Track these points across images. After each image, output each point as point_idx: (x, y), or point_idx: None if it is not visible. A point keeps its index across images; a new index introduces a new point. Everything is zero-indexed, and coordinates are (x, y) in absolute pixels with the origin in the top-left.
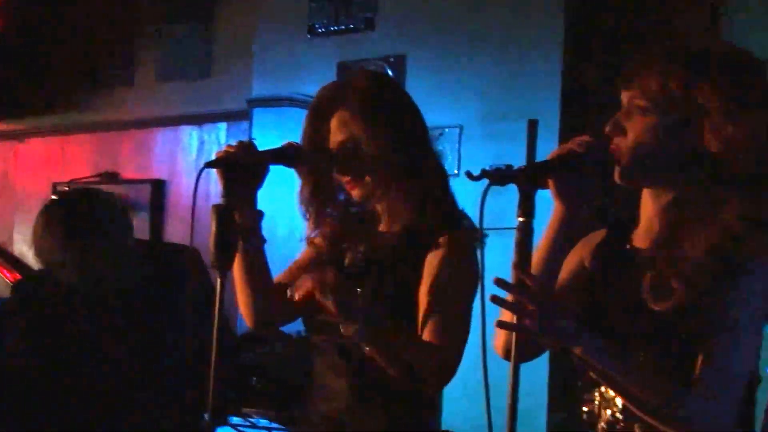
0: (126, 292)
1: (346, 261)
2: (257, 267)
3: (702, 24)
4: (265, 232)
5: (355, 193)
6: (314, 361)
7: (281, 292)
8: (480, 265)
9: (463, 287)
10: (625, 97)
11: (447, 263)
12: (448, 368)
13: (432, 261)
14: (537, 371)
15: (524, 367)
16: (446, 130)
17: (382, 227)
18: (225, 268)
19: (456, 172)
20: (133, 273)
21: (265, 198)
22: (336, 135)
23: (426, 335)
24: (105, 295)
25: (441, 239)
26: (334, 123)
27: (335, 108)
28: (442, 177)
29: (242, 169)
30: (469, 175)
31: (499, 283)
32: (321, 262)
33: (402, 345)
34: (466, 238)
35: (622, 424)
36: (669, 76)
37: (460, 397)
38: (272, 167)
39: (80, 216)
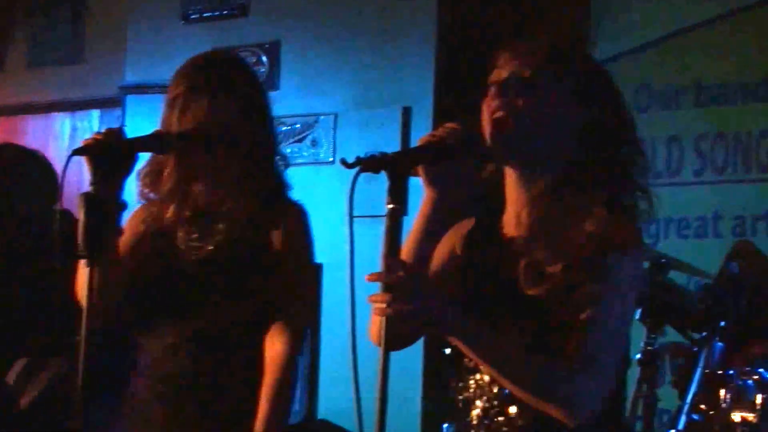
0: None
1: (193, 255)
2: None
3: (576, 13)
4: None
5: (208, 182)
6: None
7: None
8: (349, 253)
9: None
10: (504, 73)
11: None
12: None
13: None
14: (411, 358)
15: (398, 354)
16: (321, 117)
17: (221, 225)
18: (94, 256)
19: (331, 159)
20: None
21: None
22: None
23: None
24: None
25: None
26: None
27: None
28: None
29: (111, 157)
30: (343, 162)
31: (371, 278)
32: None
33: None
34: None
35: (497, 410)
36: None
37: (335, 385)
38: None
39: None
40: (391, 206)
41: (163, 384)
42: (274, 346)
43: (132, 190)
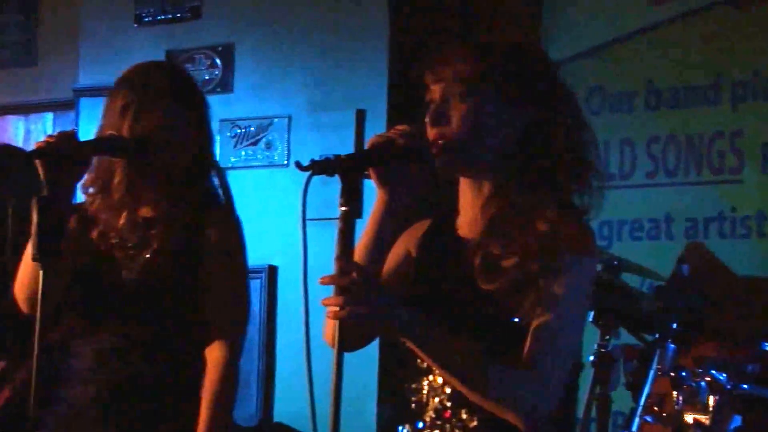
0: None
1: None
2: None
3: (527, 15)
4: None
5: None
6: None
7: None
8: (303, 256)
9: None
10: (438, 89)
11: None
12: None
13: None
14: (367, 360)
15: (354, 357)
16: (275, 120)
17: (157, 232)
18: (46, 259)
19: (286, 162)
20: None
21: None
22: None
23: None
24: None
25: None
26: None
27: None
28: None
29: (63, 160)
30: (298, 165)
31: (325, 281)
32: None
33: None
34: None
35: (449, 411)
36: (475, 63)
37: (291, 387)
38: None
39: None
40: (343, 208)
41: (98, 389)
42: (213, 354)
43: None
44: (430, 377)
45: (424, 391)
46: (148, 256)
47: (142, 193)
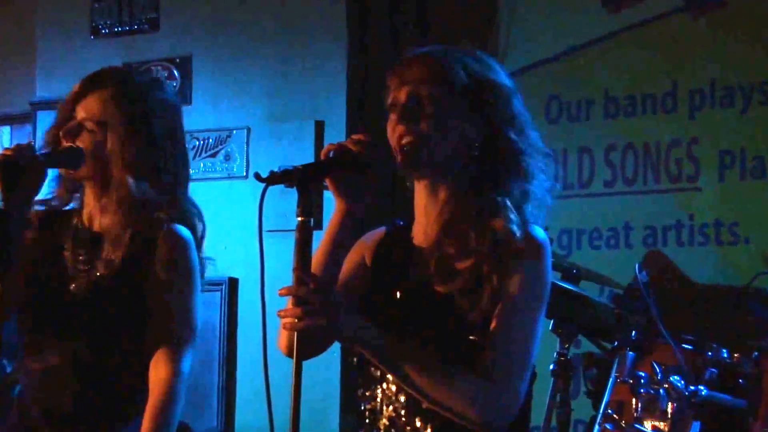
0: None
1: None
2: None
3: (483, 24)
4: None
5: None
6: None
7: None
8: (260, 267)
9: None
10: (404, 91)
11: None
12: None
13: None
14: (329, 370)
15: (316, 367)
16: (234, 131)
17: (107, 248)
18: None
19: (245, 174)
20: None
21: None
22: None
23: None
24: None
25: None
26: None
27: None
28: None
29: (20, 173)
30: (257, 176)
31: (283, 293)
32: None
33: None
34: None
35: (404, 419)
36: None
37: (252, 398)
38: None
39: None
40: (300, 219)
41: (45, 406)
42: (157, 370)
43: None
44: (384, 385)
45: (378, 399)
46: (98, 273)
47: (98, 207)
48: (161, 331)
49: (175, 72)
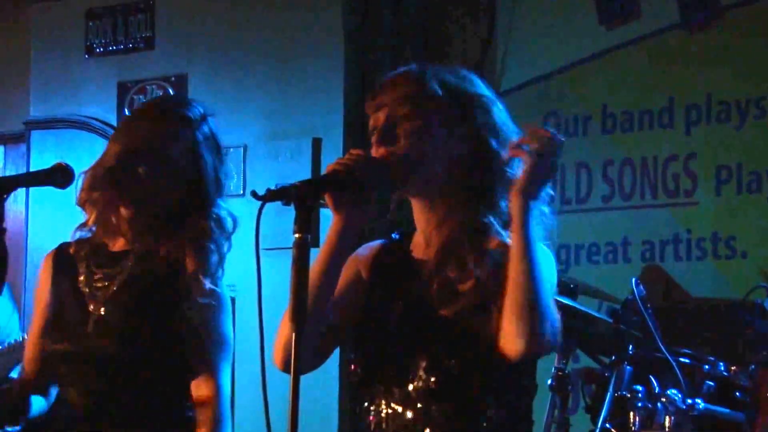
0: None
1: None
2: None
3: (482, 40)
4: None
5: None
6: None
7: None
8: (257, 284)
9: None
10: (381, 114)
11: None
12: None
13: None
14: (328, 382)
15: (314, 384)
16: (231, 150)
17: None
18: None
19: (242, 191)
20: None
21: None
22: None
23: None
24: None
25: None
26: None
27: None
28: None
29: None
30: (254, 194)
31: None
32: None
33: None
34: None
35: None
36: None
37: (251, 415)
38: None
39: None
40: (297, 236)
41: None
42: (199, 391)
43: None
44: (389, 400)
45: (383, 414)
46: (114, 289)
47: (120, 226)
48: (197, 352)
49: (170, 91)
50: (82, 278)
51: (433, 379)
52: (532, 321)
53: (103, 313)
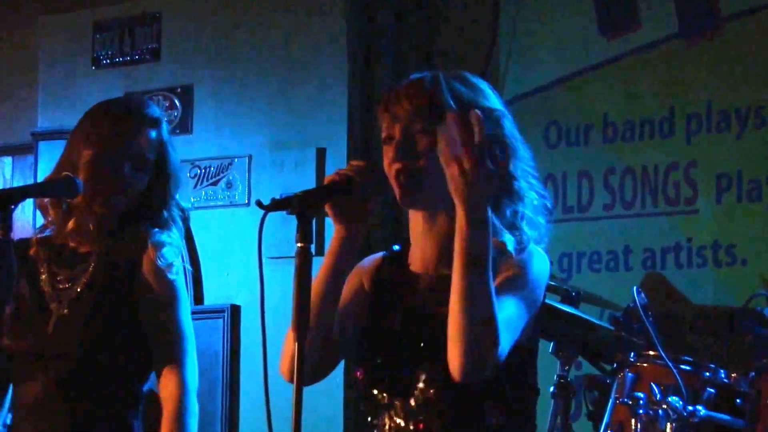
0: None
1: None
2: None
3: (484, 51)
4: None
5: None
6: None
7: None
8: (260, 293)
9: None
10: (398, 127)
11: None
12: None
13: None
14: (332, 394)
15: (320, 398)
16: (235, 159)
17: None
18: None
19: (247, 201)
20: None
21: None
22: None
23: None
24: None
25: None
26: None
27: None
28: None
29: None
30: (259, 204)
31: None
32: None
33: None
34: None
35: None
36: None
37: (255, 425)
38: None
39: None
40: (299, 245)
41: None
42: (164, 387)
43: None
44: (391, 412)
45: (386, 428)
46: (78, 290)
47: (84, 229)
48: (159, 348)
49: (177, 101)
50: (43, 277)
51: (432, 392)
52: (461, 347)
53: (66, 313)
